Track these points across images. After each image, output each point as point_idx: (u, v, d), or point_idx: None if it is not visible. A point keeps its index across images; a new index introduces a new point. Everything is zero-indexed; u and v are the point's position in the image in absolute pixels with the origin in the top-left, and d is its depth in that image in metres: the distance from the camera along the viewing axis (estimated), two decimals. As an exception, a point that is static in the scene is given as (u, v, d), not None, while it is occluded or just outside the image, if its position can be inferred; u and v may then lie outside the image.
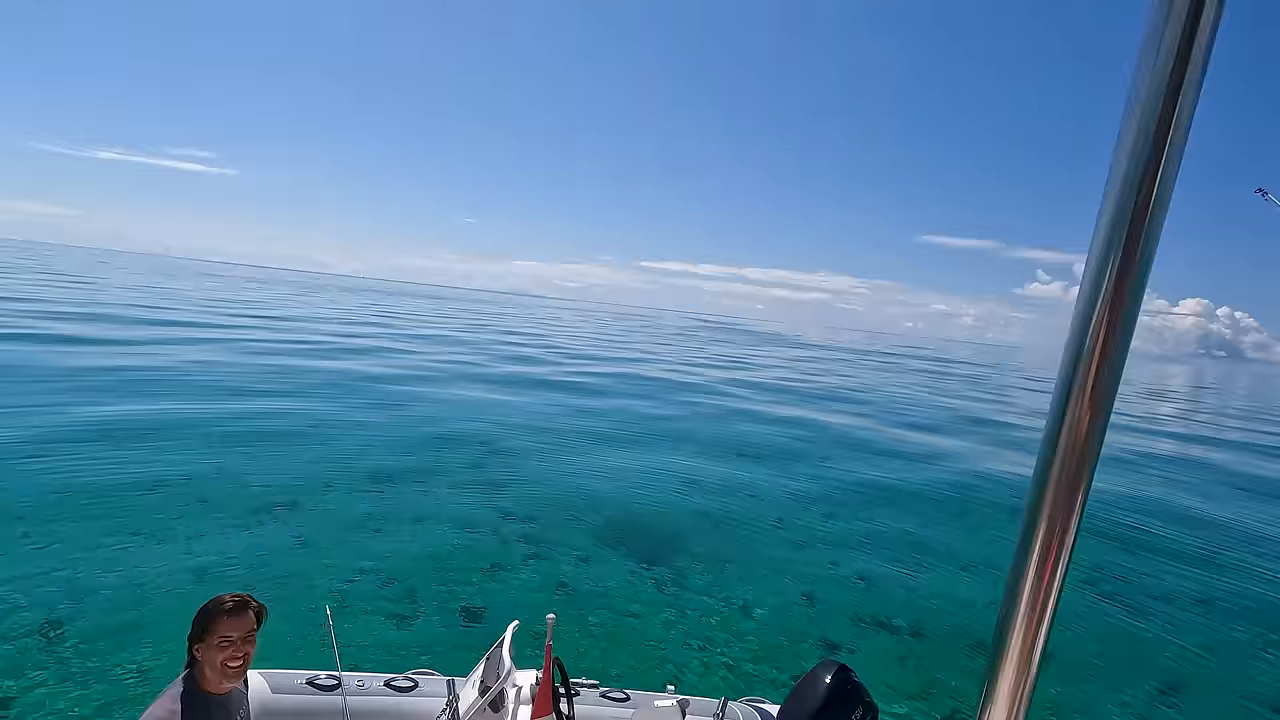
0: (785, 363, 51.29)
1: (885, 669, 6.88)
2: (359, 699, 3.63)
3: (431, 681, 3.90)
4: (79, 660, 5.56)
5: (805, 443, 18.37)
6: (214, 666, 2.17)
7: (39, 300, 37.54)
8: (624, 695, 3.99)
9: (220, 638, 2.16)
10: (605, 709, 3.87)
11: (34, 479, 9.53)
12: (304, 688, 3.65)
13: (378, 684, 3.79)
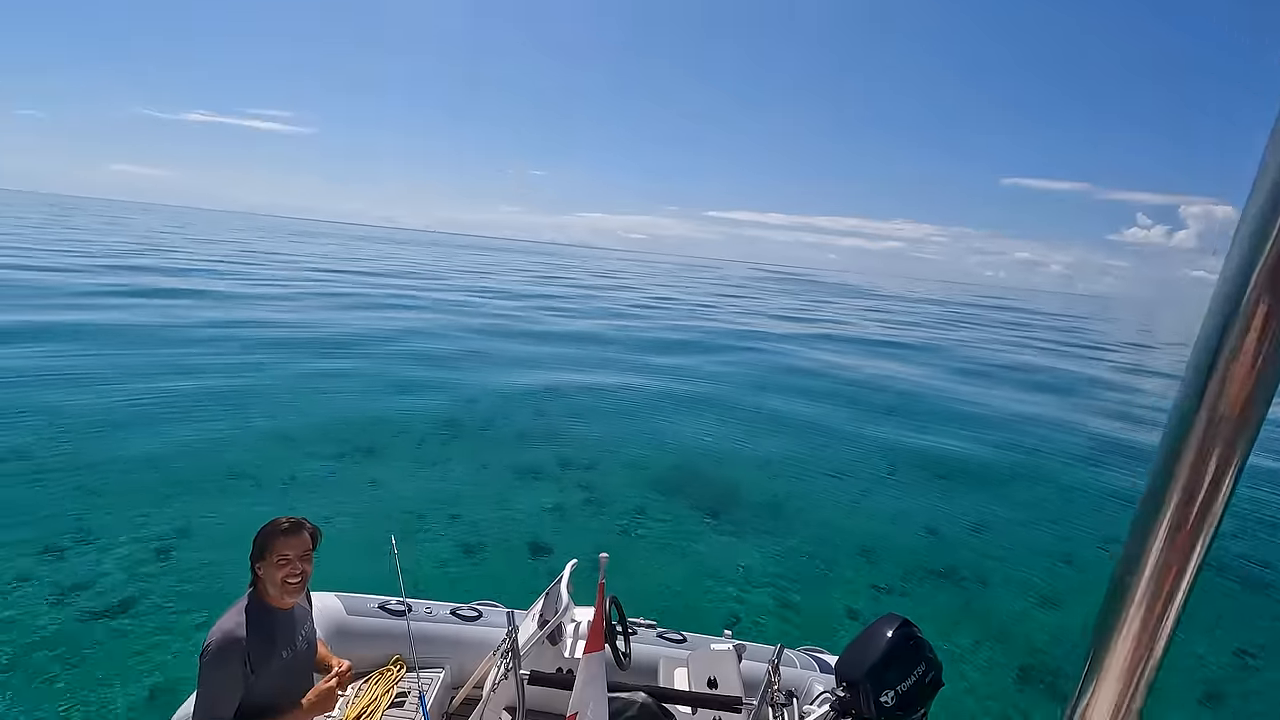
0: (856, 314, 49.73)
1: (946, 626, 6.73)
2: (425, 624, 3.83)
3: (494, 612, 4.06)
4: (187, 578, 6.11)
5: (871, 397, 17.85)
6: (275, 583, 2.31)
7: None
8: (681, 637, 4.04)
9: (279, 556, 2.29)
10: (662, 648, 3.93)
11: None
12: (376, 611, 3.87)
13: (444, 611, 3.98)
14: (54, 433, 9.52)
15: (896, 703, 2.94)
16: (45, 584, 5.83)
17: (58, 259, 34.08)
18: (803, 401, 16.13)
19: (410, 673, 3.77)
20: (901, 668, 2.96)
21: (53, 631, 5.27)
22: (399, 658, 3.85)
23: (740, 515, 8.94)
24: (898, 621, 3.09)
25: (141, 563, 6.36)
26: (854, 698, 3.00)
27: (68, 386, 11.86)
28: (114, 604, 5.64)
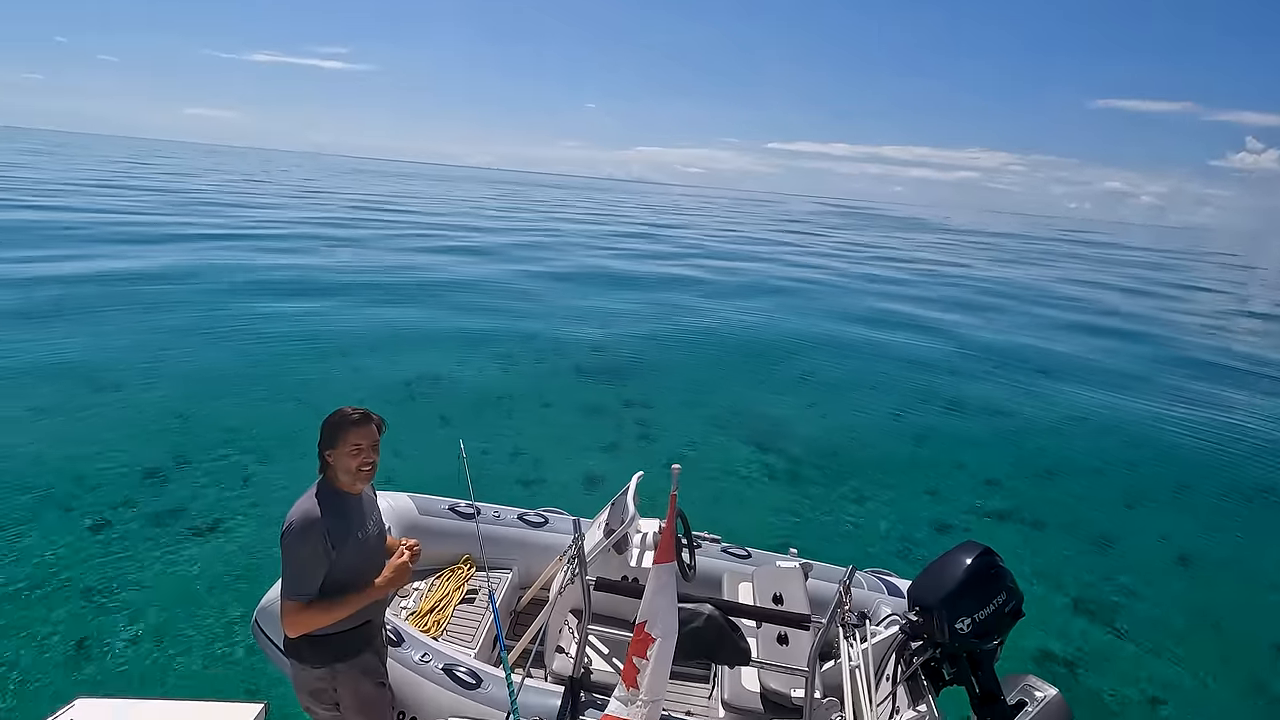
0: (920, 249, 47.50)
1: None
2: (493, 527, 3.93)
3: (559, 519, 4.13)
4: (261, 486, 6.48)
5: (934, 337, 17.09)
6: (347, 470, 2.38)
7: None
8: (745, 552, 4.02)
9: (351, 445, 2.35)
10: (726, 562, 3.92)
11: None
12: (446, 512, 3.99)
13: (511, 516, 4.08)
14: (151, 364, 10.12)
15: (972, 630, 2.84)
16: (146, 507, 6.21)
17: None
18: (859, 343, 15.62)
19: (479, 572, 3.89)
20: (980, 596, 2.85)
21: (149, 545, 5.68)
22: (469, 557, 3.98)
23: (794, 450, 8.80)
24: (978, 549, 2.95)
25: (225, 479, 6.76)
26: (926, 622, 2.91)
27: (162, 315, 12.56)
28: (206, 524, 6.00)
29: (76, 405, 8.15)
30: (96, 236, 20.92)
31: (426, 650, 3.06)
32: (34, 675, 4.16)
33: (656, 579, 2.49)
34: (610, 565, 3.48)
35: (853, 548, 6.40)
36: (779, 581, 3.60)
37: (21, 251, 17.27)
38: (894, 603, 3.67)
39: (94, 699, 2.52)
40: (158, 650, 4.41)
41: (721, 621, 2.90)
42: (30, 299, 12.81)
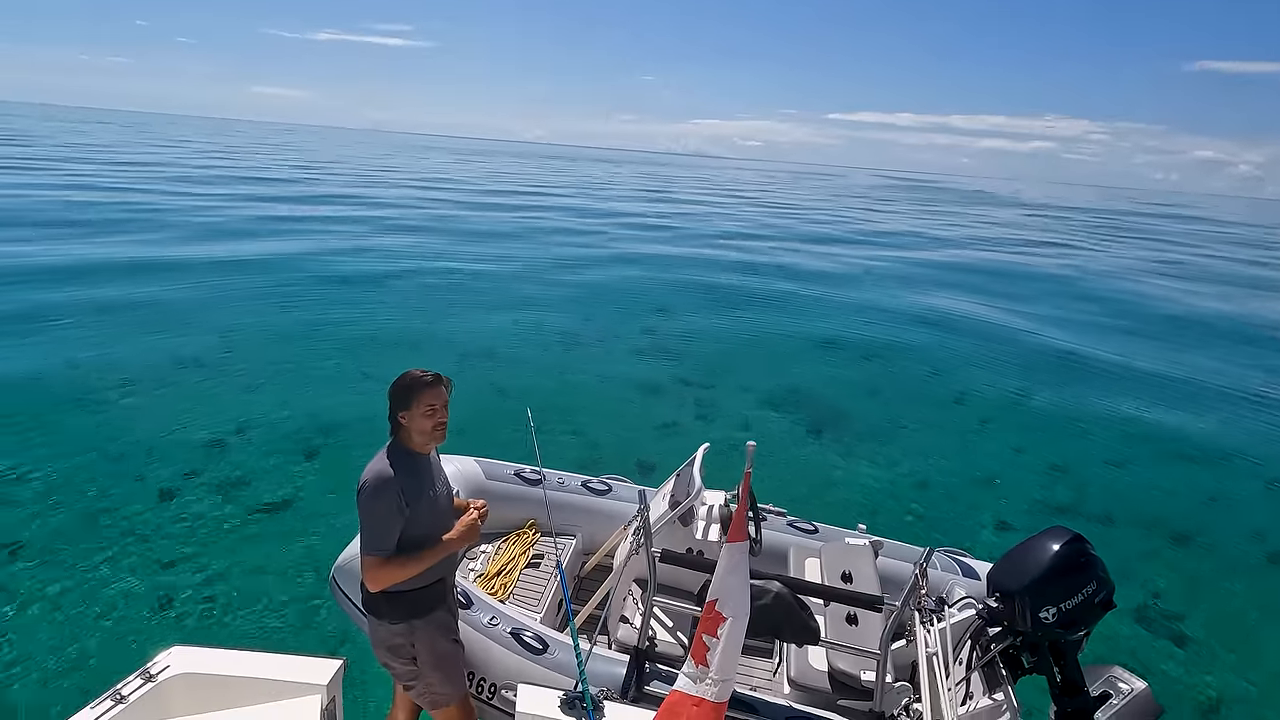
0: (986, 226, 45.41)
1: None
2: (558, 494, 3.96)
3: (623, 487, 4.14)
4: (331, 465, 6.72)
5: (997, 318, 16.31)
6: (422, 431, 2.44)
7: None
8: (812, 527, 3.94)
9: (425, 406, 2.41)
10: (793, 537, 3.86)
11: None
12: (512, 477, 4.05)
13: (575, 483, 4.11)
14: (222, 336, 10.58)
15: (1057, 619, 2.70)
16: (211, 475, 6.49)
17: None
18: (915, 322, 15.06)
19: (545, 537, 3.94)
20: (1067, 584, 2.71)
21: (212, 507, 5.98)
22: (534, 522, 4.04)
23: (849, 432, 8.59)
24: (1067, 535, 2.80)
25: (289, 452, 7.05)
26: (1007, 609, 2.79)
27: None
28: (276, 500, 6.23)
29: (158, 380, 8.61)
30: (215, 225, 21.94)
31: (495, 614, 3.12)
32: (125, 628, 4.46)
33: (729, 558, 2.45)
34: (675, 536, 3.46)
35: (916, 526, 6.24)
36: (848, 559, 3.51)
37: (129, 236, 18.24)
38: (968, 585, 3.55)
39: (189, 647, 2.65)
40: (238, 610, 4.66)
41: (790, 600, 2.85)
42: (128, 283, 13.55)
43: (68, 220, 18.80)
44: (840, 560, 3.50)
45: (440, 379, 2.47)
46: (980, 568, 3.72)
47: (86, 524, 5.49)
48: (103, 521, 5.54)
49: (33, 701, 3.87)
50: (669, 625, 3.33)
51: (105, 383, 8.23)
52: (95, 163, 39.66)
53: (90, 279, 12.77)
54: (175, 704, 2.50)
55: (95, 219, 19.30)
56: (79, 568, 4.97)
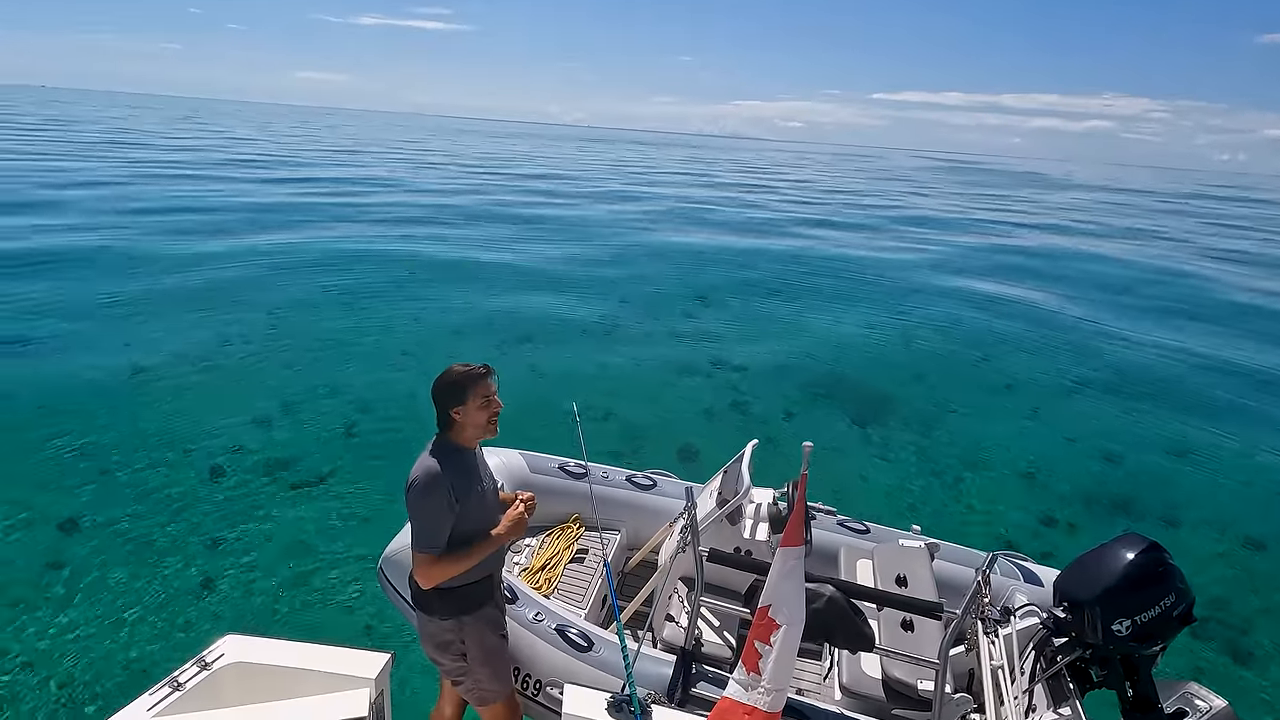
0: (1038, 209, 43.74)
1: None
2: (603, 488, 3.92)
3: (669, 483, 4.07)
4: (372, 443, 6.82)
5: (1047, 303, 15.69)
6: (477, 424, 2.42)
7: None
8: (864, 527, 3.82)
9: (481, 398, 2.39)
10: (843, 537, 3.74)
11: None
12: (556, 471, 4.02)
13: (620, 477, 4.06)
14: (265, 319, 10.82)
15: (1131, 633, 2.56)
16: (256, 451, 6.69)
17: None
18: (966, 306, 14.59)
19: (589, 531, 3.90)
20: (1143, 595, 2.56)
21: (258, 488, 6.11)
22: (578, 516, 4.00)
23: (892, 422, 8.38)
24: (1143, 543, 2.65)
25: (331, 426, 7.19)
26: (1076, 620, 2.65)
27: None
28: (317, 475, 6.40)
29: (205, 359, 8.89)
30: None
31: (540, 609, 3.09)
32: (174, 604, 4.61)
33: (783, 562, 2.36)
34: (722, 535, 3.38)
35: (967, 522, 6.04)
36: (902, 562, 3.39)
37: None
38: (1030, 591, 3.39)
39: (242, 636, 2.69)
40: (286, 590, 4.77)
41: (844, 604, 2.75)
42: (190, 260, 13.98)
43: (126, 206, 19.44)
44: (894, 563, 3.38)
45: (489, 369, 2.45)
46: (1043, 574, 3.56)
47: (140, 499, 5.70)
48: (154, 498, 5.74)
49: (90, 677, 4.02)
50: (716, 625, 3.26)
51: (157, 363, 8.51)
52: (152, 148, 40.94)
53: (141, 264, 13.19)
54: (228, 692, 2.54)
55: (150, 205, 19.91)
56: (132, 544, 5.16)
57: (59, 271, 12.18)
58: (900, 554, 3.46)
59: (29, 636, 4.27)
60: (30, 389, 7.48)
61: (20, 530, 5.26)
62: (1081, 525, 6.26)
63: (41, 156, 31.80)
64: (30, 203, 18.91)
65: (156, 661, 4.05)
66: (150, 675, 3.84)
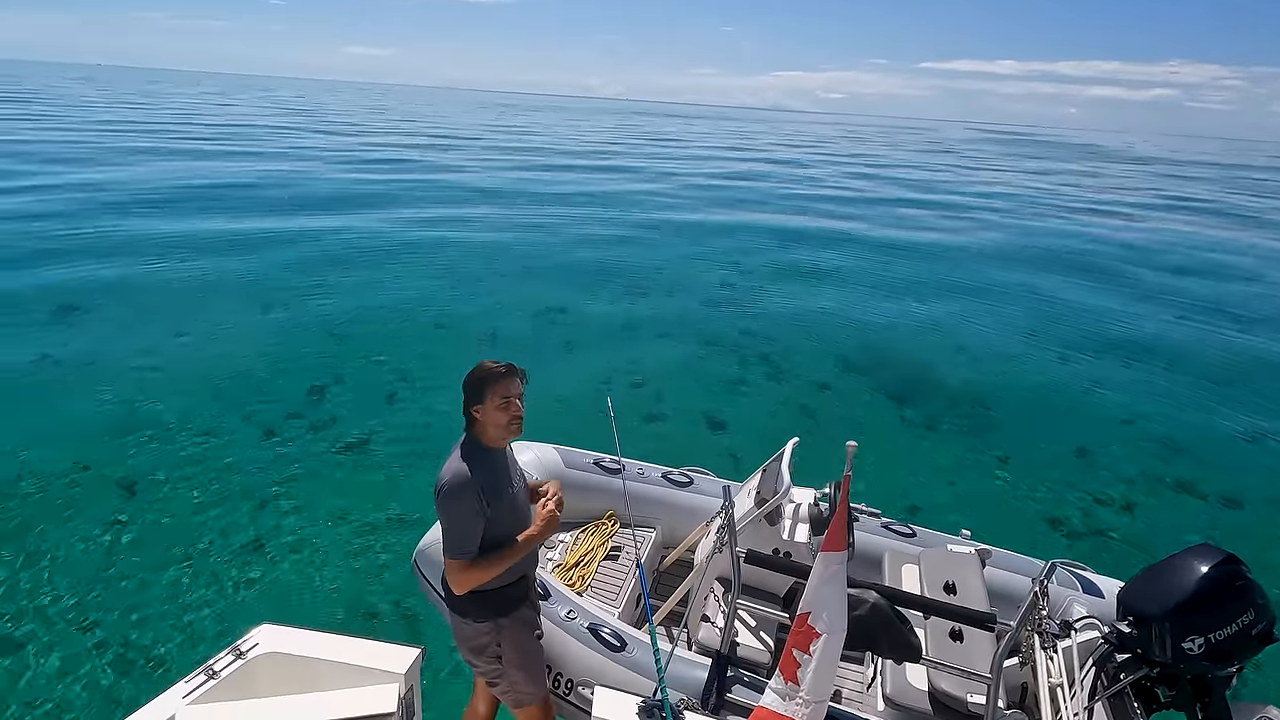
0: (1087, 181, 41.68)
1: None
2: (638, 485, 3.82)
3: (705, 480, 3.96)
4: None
5: (1100, 281, 14.95)
6: (497, 424, 2.32)
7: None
8: (909, 530, 3.66)
9: (499, 399, 2.28)
10: (888, 540, 3.59)
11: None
12: (591, 466, 3.94)
13: (656, 474, 3.96)
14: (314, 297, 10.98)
15: (1204, 651, 2.37)
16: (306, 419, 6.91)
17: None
18: (1009, 283, 14.02)
19: (624, 528, 3.83)
20: (1219, 612, 2.36)
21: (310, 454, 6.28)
22: (613, 513, 3.93)
23: (931, 402, 8.16)
24: (1218, 556, 2.44)
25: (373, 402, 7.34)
26: (1143, 636, 2.47)
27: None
28: (355, 440, 6.55)
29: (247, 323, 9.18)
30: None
31: (572, 607, 3.03)
32: (223, 571, 4.75)
33: (824, 568, 2.24)
34: (761, 536, 3.27)
35: (1018, 515, 5.78)
36: (951, 568, 3.22)
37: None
38: (1090, 603, 3.20)
39: (278, 626, 2.70)
40: (320, 578, 4.85)
41: (889, 612, 2.62)
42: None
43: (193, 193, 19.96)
44: (942, 569, 3.22)
45: (514, 370, 2.35)
46: (1104, 584, 3.36)
47: (196, 464, 5.94)
48: (211, 462, 5.98)
49: (137, 641, 4.16)
50: (752, 627, 3.16)
51: (213, 333, 8.86)
52: (200, 124, 41.92)
53: (199, 241, 13.53)
54: (261, 681, 2.56)
55: (196, 187, 20.39)
56: (186, 508, 5.38)
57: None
58: (949, 560, 3.29)
59: (93, 600, 4.44)
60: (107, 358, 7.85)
61: (82, 488, 5.54)
62: (1143, 511, 6.00)
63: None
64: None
65: (200, 617, 4.19)
66: (203, 635, 4.06)
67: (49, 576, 4.60)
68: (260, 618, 4.13)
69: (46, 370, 7.53)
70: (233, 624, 4.14)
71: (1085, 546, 5.56)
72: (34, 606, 4.34)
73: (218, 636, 4.06)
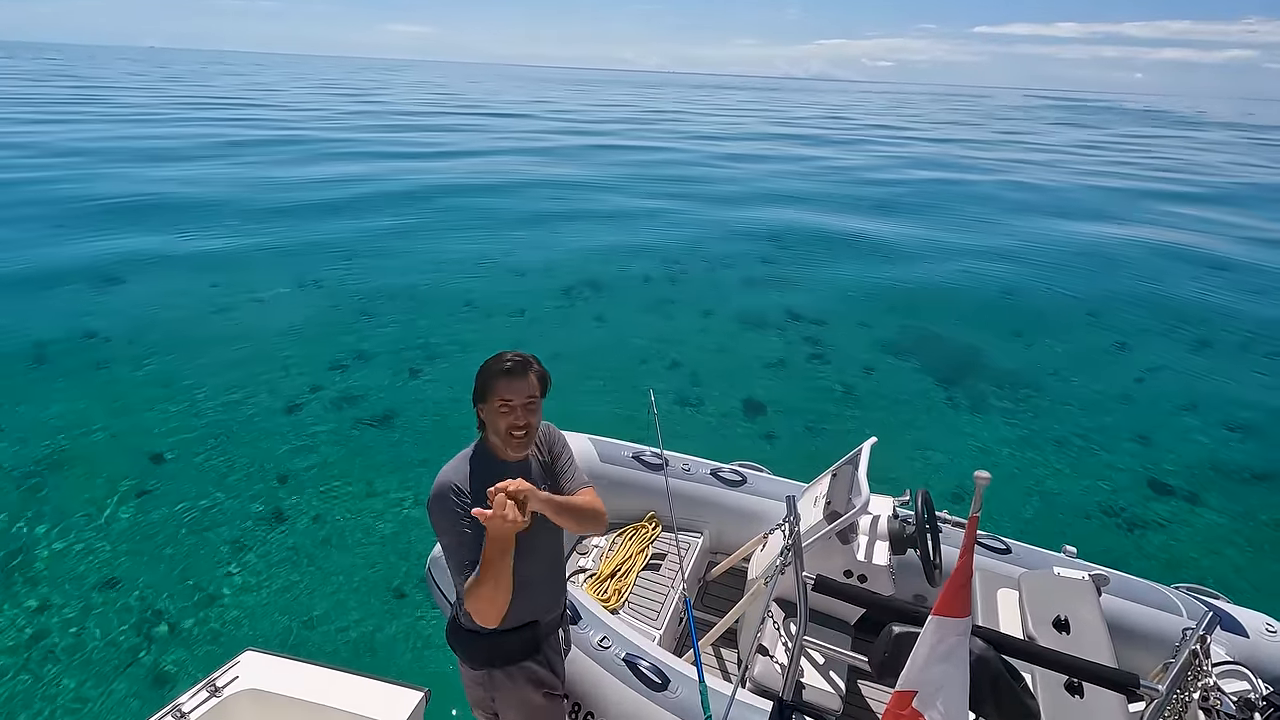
0: (1149, 149, 38.87)
1: (1249, 550, 5.03)
2: (683, 482, 3.35)
3: (760, 479, 3.46)
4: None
5: (1169, 251, 13.72)
6: (497, 432, 1.83)
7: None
8: (1003, 545, 3.10)
9: (500, 401, 1.79)
10: (977, 557, 3.02)
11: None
12: (630, 461, 3.47)
13: (703, 471, 3.47)
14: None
15: None
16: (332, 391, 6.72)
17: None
18: (1066, 259, 12.95)
19: (666, 532, 3.36)
20: None
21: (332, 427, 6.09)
22: (654, 514, 3.47)
23: (982, 383, 7.47)
24: None
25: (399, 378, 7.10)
26: None
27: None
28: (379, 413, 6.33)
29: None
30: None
31: (606, 633, 2.58)
32: (243, 536, 4.61)
33: (938, 637, 1.69)
34: (829, 552, 2.76)
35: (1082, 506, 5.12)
36: (1061, 598, 2.65)
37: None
38: (1230, 643, 2.62)
39: (262, 653, 2.33)
40: (339, 542, 4.59)
41: (998, 666, 2.07)
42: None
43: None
44: (1050, 598, 2.65)
45: (527, 366, 1.81)
46: (1245, 618, 2.76)
47: (224, 437, 5.81)
48: (238, 435, 5.85)
49: (172, 610, 3.99)
50: (820, 665, 2.67)
51: (243, 306, 8.73)
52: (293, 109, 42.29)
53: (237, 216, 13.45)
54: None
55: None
56: (208, 477, 5.26)
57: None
58: (1056, 587, 2.72)
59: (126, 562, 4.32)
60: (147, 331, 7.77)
61: (113, 454, 5.49)
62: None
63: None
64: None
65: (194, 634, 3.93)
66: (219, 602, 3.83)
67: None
68: (256, 621, 3.82)
69: (85, 344, 7.47)
70: (224, 631, 3.87)
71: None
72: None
73: (208, 643, 3.78)
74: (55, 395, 6.33)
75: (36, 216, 12.56)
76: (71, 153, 19.63)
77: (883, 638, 2.09)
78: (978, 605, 2.79)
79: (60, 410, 6.07)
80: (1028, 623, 2.60)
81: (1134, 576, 2.97)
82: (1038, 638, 2.51)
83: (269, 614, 3.95)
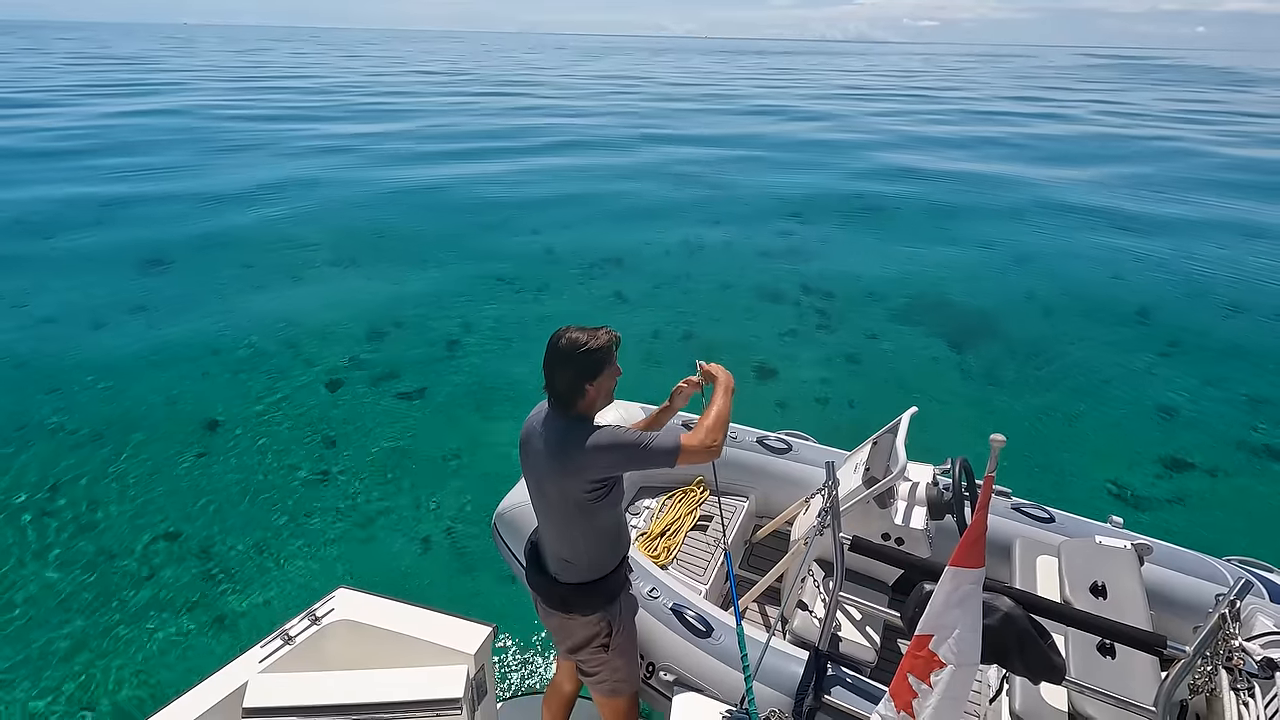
0: (1207, 111, 36.77)
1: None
2: (730, 449, 3.54)
3: (805, 447, 3.62)
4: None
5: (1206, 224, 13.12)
6: (607, 395, 2.16)
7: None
8: (1046, 514, 3.19)
9: (615, 366, 2.13)
10: (1019, 525, 3.14)
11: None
12: (679, 429, 3.62)
13: (749, 439, 3.65)
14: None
15: None
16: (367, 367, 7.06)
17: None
18: (1098, 223, 12.61)
19: (714, 496, 3.55)
20: None
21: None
22: (702, 479, 3.66)
23: (995, 352, 7.48)
24: None
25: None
26: None
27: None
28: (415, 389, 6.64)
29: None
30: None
31: (656, 585, 2.79)
32: (293, 502, 4.97)
33: (954, 585, 1.83)
34: (869, 517, 2.90)
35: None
36: (1100, 565, 2.74)
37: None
38: (1277, 612, 2.68)
39: (353, 590, 2.61)
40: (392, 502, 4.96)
41: (1025, 624, 2.20)
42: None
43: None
44: (1089, 565, 2.75)
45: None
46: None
47: (269, 407, 6.21)
48: (283, 408, 6.23)
49: (220, 572, 4.37)
50: (856, 620, 2.83)
51: (280, 282, 9.12)
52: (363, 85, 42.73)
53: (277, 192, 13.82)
54: (333, 649, 2.50)
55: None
56: (259, 445, 5.66)
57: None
58: (1097, 554, 2.81)
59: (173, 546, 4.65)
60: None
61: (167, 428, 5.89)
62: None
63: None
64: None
65: (290, 577, 4.31)
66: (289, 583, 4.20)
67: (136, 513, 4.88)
68: (337, 571, 4.19)
69: (138, 318, 7.93)
70: (311, 578, 4.28)
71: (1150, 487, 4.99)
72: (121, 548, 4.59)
73: (300, 589, 4.17)
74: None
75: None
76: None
77: (914, 595, 2.23)
78: (1015, 570, 2.91)
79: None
80: (1064, 587, 2.70)
81: (1181, 547, 3.04)
82: (1074, 601, 2.61)
83: (358, 560, 4.45)
